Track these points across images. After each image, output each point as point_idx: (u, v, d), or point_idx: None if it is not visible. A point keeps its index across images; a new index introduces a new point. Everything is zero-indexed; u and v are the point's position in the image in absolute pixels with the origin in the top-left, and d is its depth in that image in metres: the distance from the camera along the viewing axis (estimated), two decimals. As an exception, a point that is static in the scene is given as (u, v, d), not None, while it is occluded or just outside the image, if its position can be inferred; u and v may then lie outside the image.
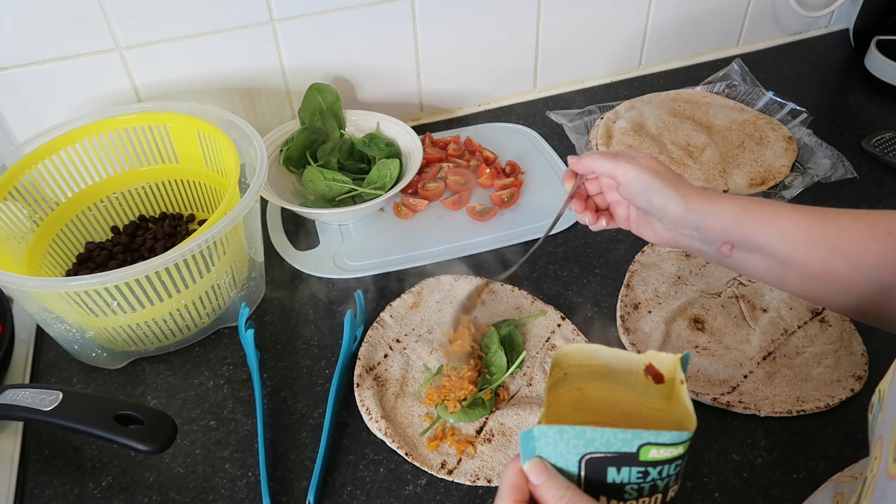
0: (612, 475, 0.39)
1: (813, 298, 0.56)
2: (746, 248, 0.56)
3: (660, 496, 0.40)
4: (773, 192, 0.89)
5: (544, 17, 1.04)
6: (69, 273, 0.80)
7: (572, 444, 0.38)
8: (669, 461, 0.38)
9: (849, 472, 0.54)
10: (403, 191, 0.90)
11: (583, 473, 0.39)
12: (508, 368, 0.68)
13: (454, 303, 0.76)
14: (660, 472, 0.39)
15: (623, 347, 0.72)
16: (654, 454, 0.38)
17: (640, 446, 0.37)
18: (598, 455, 0.38)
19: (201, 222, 0.88)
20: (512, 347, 0.71)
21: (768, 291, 0.76)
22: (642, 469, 0.38)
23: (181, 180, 0.87)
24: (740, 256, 0.57)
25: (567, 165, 0.94)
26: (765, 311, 0.74)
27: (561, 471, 0.40)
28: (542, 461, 0.40)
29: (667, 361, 0.43)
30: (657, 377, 0.44)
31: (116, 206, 0.86)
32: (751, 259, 0.57)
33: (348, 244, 0.86)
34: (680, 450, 0.38)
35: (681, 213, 0.57)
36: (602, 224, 0.66)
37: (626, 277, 0.79)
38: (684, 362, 0.43)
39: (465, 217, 0.89)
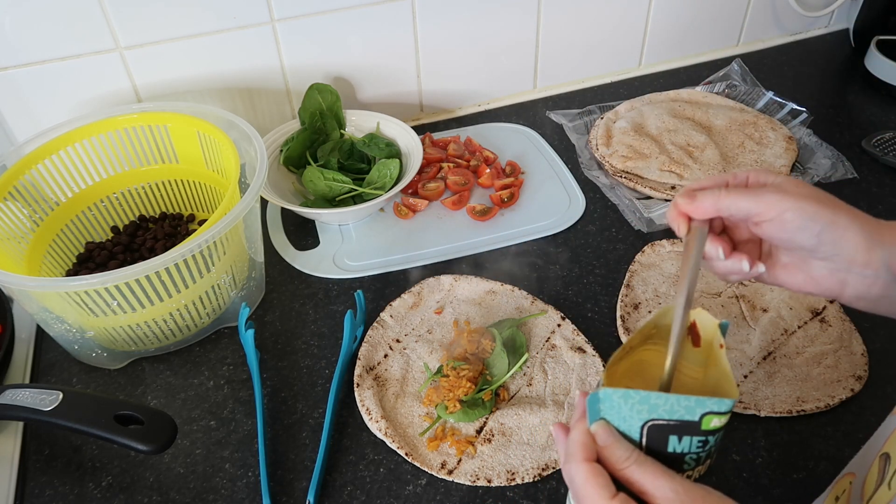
0: (674, 444, 0.39)
1: None
2: None
3: (705, 464, 0.42)
4: (773, 192, 0.89)
5: (544, 17, 1.04)
6: (69, 273, 0.80)
7: (636, 410, 0.39)
8: (721, 429, 0.39)
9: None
10: (403, 191, 0.90)
11: (644, 441, 0.40)
12: (510, 370, 0.68)
13: (456, 305, 0.76)
14: (715, 440, 0.40)
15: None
16: (714, 423, 0.38)
17: (703, 415, 0.38)
18: (661, 422, 0.39)
19: (201, 222, 0.88)
20: (514, 348, 0.71)
21: (768, 291, 0.76)
22: (703, 438, 0.39)
23: (181, 180, 0.87)
24: None
25: (573, 175, 0.95)
26: (765, 311, 0.74)
27: (624, 435, 0.41)
28: (608, 423, 0.41)
29: (708, 323, 0.44)
30: (695, 339, 0.45)
31: (116, 206, 0.86)
32: None
33: (348, 244, 0.86)
34: (728, 417, 0.39)
35: (863, 247, 0.44)
36: (760, 269, 0.49)
37: (626, 277, 0.79)
38: (723, 329, 0.44)
39: (465, 217, 0.89)
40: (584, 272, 0.81)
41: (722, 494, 0.39)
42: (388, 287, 0.80)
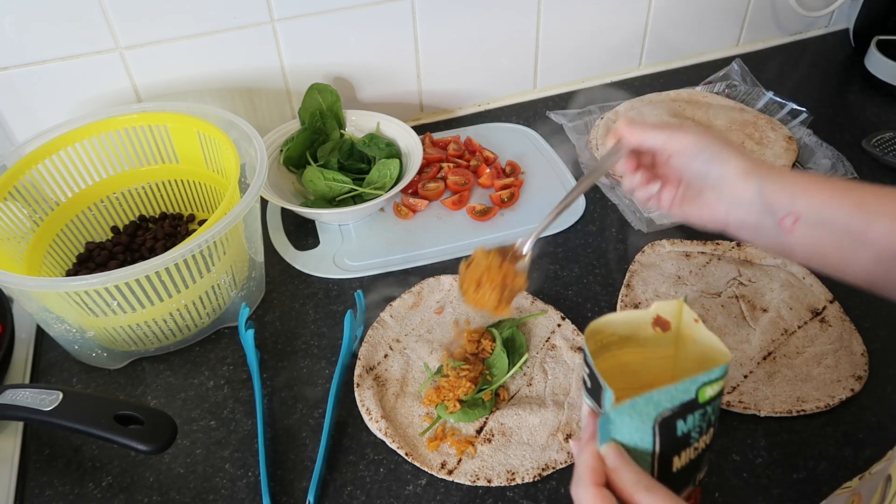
0: (681, 427, 0.41)
1: (888, 286, 0.50)
2: (813, 220, 0.50)
3: (712, 430, 0.43)
4: (773, 192, 0.89)
5: (544, 17, 1.04)
6: (69, 273, 0.80)
7: (644, 413, 0.40)
8: (718, 395, 0.41)
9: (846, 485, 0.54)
10: (403, 191, 0.90)
11: (657, 439, 0.41)
12: (510, 370, 0.68)
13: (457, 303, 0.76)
14: (712, 407, 0.42)
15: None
16: (709, 392, 0.40)
17: (698, 389, 0.40)
18: (667, 414, 0.40)
19: (201, 222, 0.88)
20: (514, 349, 0.71)
21: (768, 291, 0.76)
22: (702, 410, 0.41)
23: (181, 180, 0.87)
24: (805, 233, 0.51)
25: (573, 175, 0.95)
26: (765, 311, 0.74)
27: (637, 449, 0.41)
28: (618, 445, 0.41)
29: (670, 307, 0.46)
30: (664, 326, 0.46)
31: (116, 206, 0.86)
32: (818, 235, 0.50)
33: (348, 244, 0.86)
34: (723, 381, 0.41)
35: (741, 175, 0.52)
36: (651, 191, 0.59)
37: (626, 277, 0.79)
38: (688, 302, 0.46)
39: (465, 217, 0.89)
40: (584, 272, 0.81)
41: None
42: (388, 287, 0.80)
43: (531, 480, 0.61)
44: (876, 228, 0.48)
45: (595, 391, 0.43)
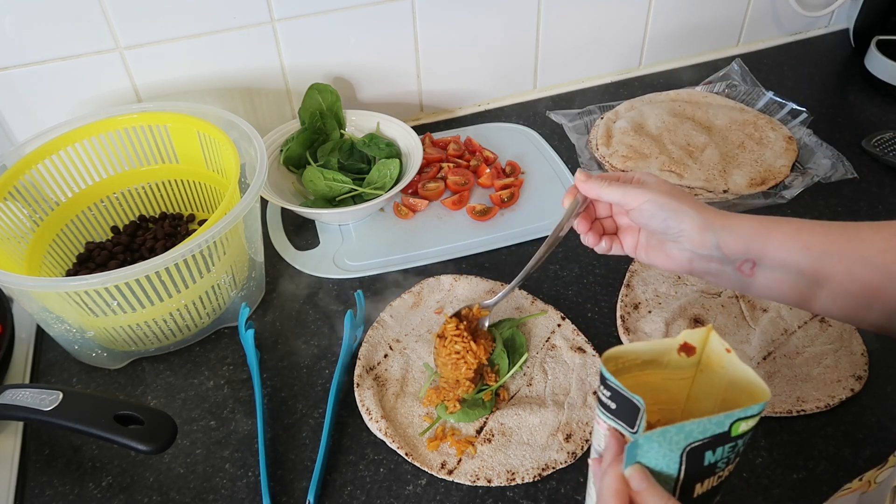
0: (709, 457, 0.41)
1: (851, 318, 0.53)
2: (770, 265, 0.53)
3: (738, 458, 0.43)
4: (773, 192, 0.89)
5: (544, 17, 1.04)
6: (69, 273, 0.80)
7: (674, 441, 0.40)
8: (752, 429, 0.41)
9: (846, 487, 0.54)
10: (403, 191, 0.90)
11: (683, 466, 0.41)
12: (510, 370, 0.68)
13: (454, 304, 0.76)
14: (743, 441, 0.42)
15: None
16: (743, 427, 0.40)
17: (732, 424, 0.40)
18: (696, 444, 0.40)
19: (201, 222, 0.88)
20: (514, 348, 0.71)
21: (768, 291, 0.76)
22: (733, 443, 0.41)
23: (181, 180, 0.87)
24: (764, 276, 0.54)
25: (573, 175, 0.94)
26: (765, 311, 0.74)
27: (661, 473, 0.41)
28: (642, 468, 0.41)
29: (698, 334, 0.46)
30: (689, 352, 0.47)
31: (116, 206, 0.86)
32: (776, 278, 0.53)
33: (348, 244, 0.86)
34: (758, 417, 0.41)
35: (698, 230, 0.55)
36: (603, 246, 0.62)
37: (626, 277, 0.79)
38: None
39: (465, 217, 0.89)
40: (584, 272, 0.81)
41: None
42: (388, 287, 0.80)
43: (531, 480, 0.61)
44: (825, 268, 0.51)
45: (623, 412, 0.43)
